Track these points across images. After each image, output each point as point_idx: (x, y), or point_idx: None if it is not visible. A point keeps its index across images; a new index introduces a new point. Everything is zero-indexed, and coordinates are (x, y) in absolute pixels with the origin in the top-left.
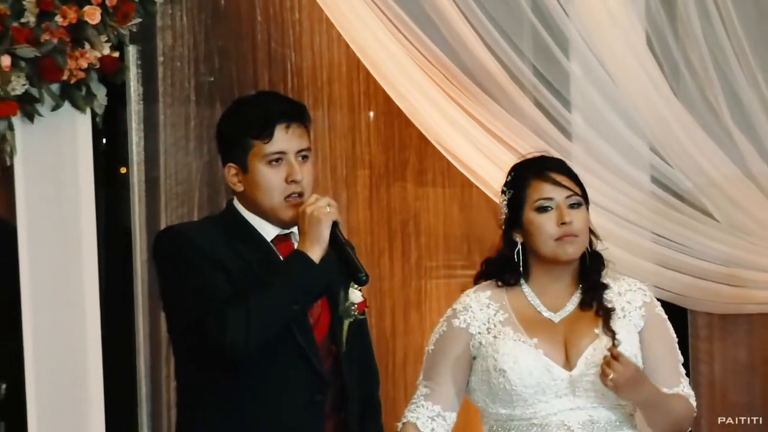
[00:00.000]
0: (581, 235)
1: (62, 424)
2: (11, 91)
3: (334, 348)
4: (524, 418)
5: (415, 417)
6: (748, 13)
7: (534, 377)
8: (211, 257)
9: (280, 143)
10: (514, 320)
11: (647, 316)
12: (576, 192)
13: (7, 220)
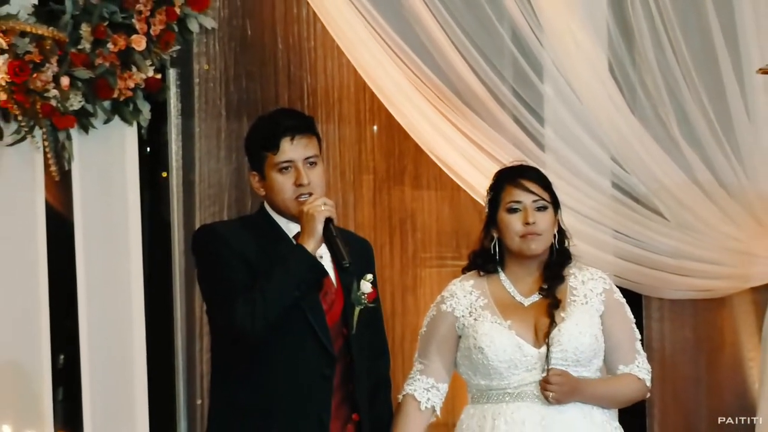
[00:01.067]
0: (544, 233)
1: (111, 389)
2: (70, 107)
3: (345, 330)
4: (500, 388)
5: (413, 389)
6: (694, 42)
7: (507, 354)
8: (239, 252)
9: (287, 153)
10: (492, 305)
11: (607, 301)
12: (542, 197)
13: (66, 216)
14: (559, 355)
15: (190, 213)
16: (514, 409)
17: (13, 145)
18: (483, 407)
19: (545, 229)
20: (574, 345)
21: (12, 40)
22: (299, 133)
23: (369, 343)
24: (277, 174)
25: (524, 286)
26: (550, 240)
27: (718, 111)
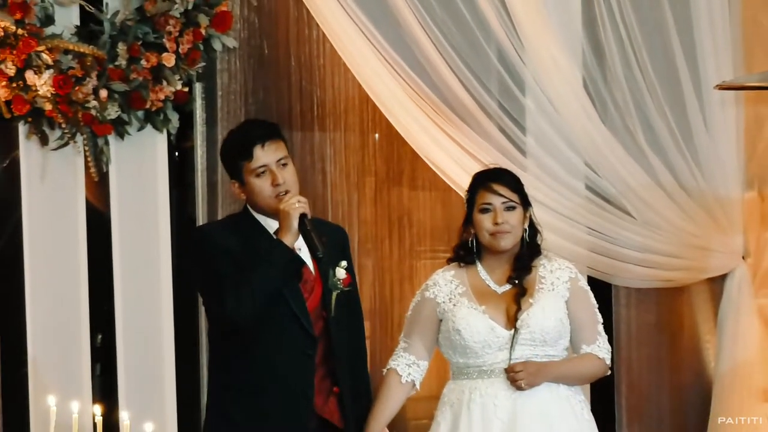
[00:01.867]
0: (513, 230)
1: (142, 365)
2: (107, 116)
3: (324, 313)
4: (476, 366)
5: (396, 364)
6: (658, 61)
7: (481, 335)
8: (224, 249)
9: (261, 159)
10: (469, 292)
11: (572, 288)
12: (511, 199)
13: (104, 212)
14: (528, 336)
15: (213, 210)
16: (489, 384)
17: (58, 150)
18: (462, 383)
19: (514, 226)
20: (540, 327)
21: (57, 57)
22: (268, 140)
23: (347, 323)
24: (255, 179)
25: (498, 275)
26: (518, 236)
27: (679, 122)
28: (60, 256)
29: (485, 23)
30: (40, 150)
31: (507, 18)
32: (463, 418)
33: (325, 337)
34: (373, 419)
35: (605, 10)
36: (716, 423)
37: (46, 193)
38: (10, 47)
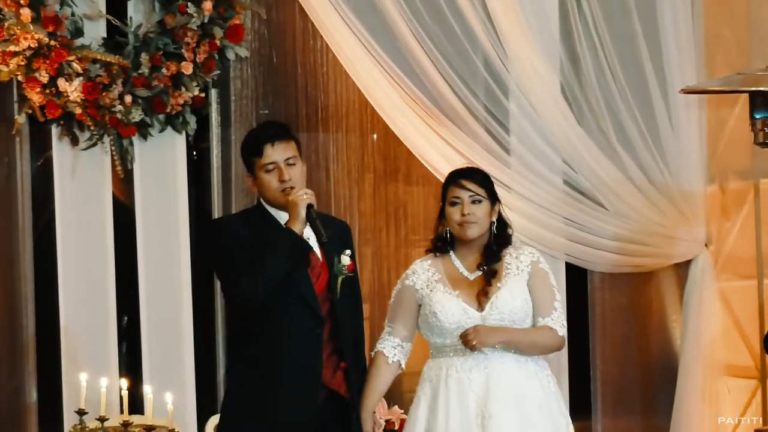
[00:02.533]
0: (478, 222)
1: (163, 345)
2: (132, 119)
3: (331, 296)
4: (451, 345)
5: (382, 347)
6: (629, 68)
7: (455, 317)
8: (238, 237)
9: (270, 156)
10: (444, 279)
11: (533, 270)
12: (477, 193)
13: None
14: (497, 317)
15: (228, 204)
16: (463, 361)
17: (87, 150)
18: (439, 360)
19: (479, 218)
20: (508, 308)
21: (86, 66)
22: (278, 139)
23: (351, 307)
24: (264, 174)
25: (469, 263)
26: (484, 227)
27: (648, 123)
28: (89, 246)
29: (472, 35)
30: (71, 150)
31: (492, 30)
32: (442, 392)
33: (331, 318)
34: (366, 397)
35: (580, 22)
36: (682, 394)
37: (77, 189)
38: (44, 57)
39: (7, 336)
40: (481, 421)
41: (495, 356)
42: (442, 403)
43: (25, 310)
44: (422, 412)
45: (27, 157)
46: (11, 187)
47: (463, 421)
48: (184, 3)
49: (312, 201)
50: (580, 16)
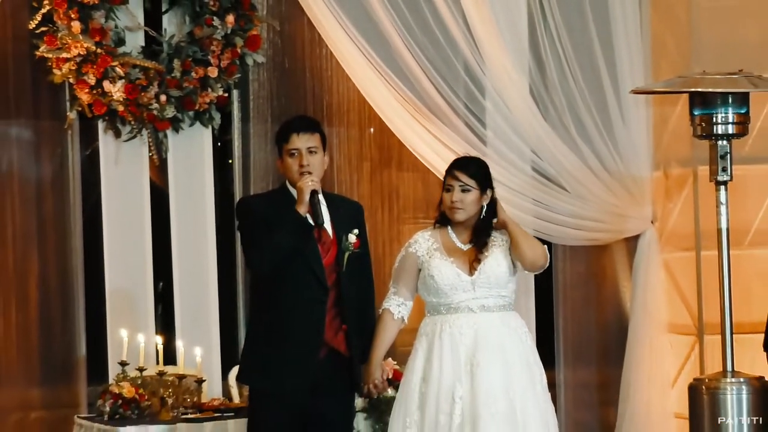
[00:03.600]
0: (465, 208)
1: (193, 307)
2: (166, 115)
3: (337, 269)
4: (445, 304)
5: (388, 305)
6: (587, 72)
7: (450, 279)
8: (260, 217)
9: (294, 143)
10: (441, 248)
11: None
12: (467, 183)
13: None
14: (484, 280)
15: (247, 187)
16: (455, 318)
17: (128, 141)
18: (434, 318)
19: (467, 204)
20: (494, 274)
21: (127, 70)
22: (303, 131)
23: (359, 278)
24: (288, 158)
25: (463, 237)
26: (471, 212)
27: (603, 118)
28: (130, 223)
29: (454, 43)
30: (114, 141)
31: (471, 39)
32: (436, 345)
33: (336, 288)
34: (375, 348)
35: (546, 33)
36: (632, 348)
37: (119, 174)
38: (91, 63)
39: (60, 300)
40: (470, 368)
41: (483, 315)
42: (436, 354)
43: (75, 278)
44: (419, 362)
45: (77, 147)
46: (64, 174)
47: (455, 368)
48: (210, 17)
49: (316, 188)
50: (546, 28)
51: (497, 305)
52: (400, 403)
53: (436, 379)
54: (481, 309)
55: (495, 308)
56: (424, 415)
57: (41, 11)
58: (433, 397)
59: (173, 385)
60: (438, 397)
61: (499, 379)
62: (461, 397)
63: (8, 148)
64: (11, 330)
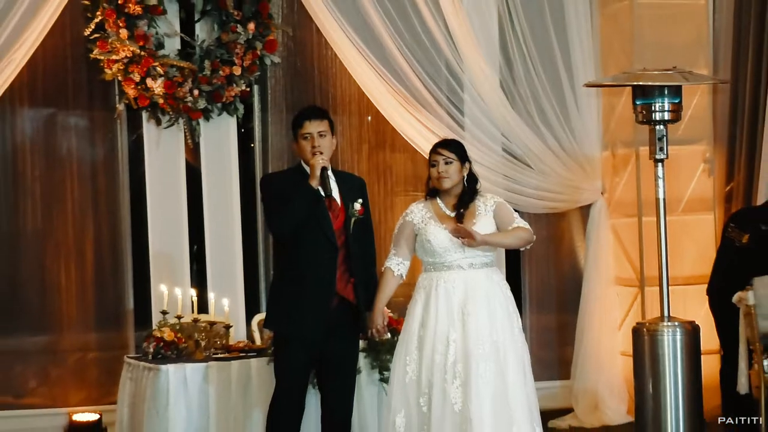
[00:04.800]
0: (449, 177)
1: (222, 265)
2: (198, 107)
3: (345, 232)
4: (440, 263)
5: (390, 264)
6: (548, 68)
7: (444, 243)
8: (279, 190)
9: (307, 128)
10: (434, 216)
11: (496, 207)
12: (448, 156)
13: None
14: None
15: (266, 166)
16: (448, 274)
17: (167, 128)
18: (431, 274)
19: (450, 174)
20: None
21: (166, 69)
22: (314, 117)
23: (362, 240)
24: (302, 141)
25: (450, 206)
26: (455, 180)
27: (561, 108)
28: (169, 196)
29: (438, 46)
30: (156, 128)
31: (452, 43)
32: (432, 296)
33: (345, 247)
34: (378, 301)
35: (513, 37)
36: (585, 298)
37: (160, 156)
38: (136, 63)
39: (111, 260)
40: (461, 316)
41: (471, 272)
42: (433, 303)
43: (124, 242)
44: (418, 310)
45: (125, 133)
46: (114, 155)
47: (449, 316)
48: (235, 25)
49: (326, 165)
50: (513, 33)
51: (482, 263)
52: (402, 344)
53: (432, 324)
54: (469, 266)
55: (481, 266)
56: (422, 354)
57: (94, 20)
58: (430, 340)
59: (205, 330)
60: (434, 340)
61: (485, 325)
62: (454, 340)
63: (67, 134)
64: (71, 285)
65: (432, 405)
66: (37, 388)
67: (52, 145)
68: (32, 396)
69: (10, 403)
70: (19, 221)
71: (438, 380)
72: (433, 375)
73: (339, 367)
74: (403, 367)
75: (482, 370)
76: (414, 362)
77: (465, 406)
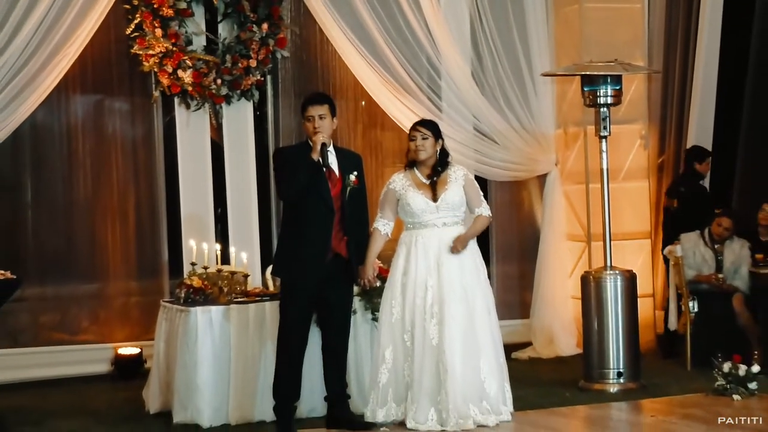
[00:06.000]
0: (425, 150)
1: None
2: (221, 93)
3: (342, 198)
4: (418, 222)
5: (378, 225)
6: (511, 62)
7: (421, 206)
8: (287, 159)
9: (310, 111)
10: (413, 184)
11: (465, 179)
12: (425, 133)
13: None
14: (445, 206)
15: (277, 143)
16: (425, 232)
17: (195, 111)
18: (411, 232)
19: (426, 148)
20: (452, 201)
21: (194, 62)
22: (316, 102)
23: (356, 205)
24: (306, 122)
25: (425, 174)
26: (430, 153)
27: (522, 94)
28: (197, 167)
29: (420, 43)
30: (186, 111)
31: (432, 40)
32: (412, 251)
33: (340, 211)
34: (369, 255)
35: (482, 35)
36: (542, 251)
37: (189, 134)
38: (169, 57)
39: (149, 220)
40: (437, 266)
41: (444, 229)
42: (413, 256)
43: (160, 206)
44: (401, 262)
45: (160, 116)
46: (151, 134)
47: (426, 266)
48: (251, 25)
49: (325, 141)
50: (482, 32)
51: (454, 222)
52: (388, 290)
53: (413, 273)
54: (443, 225)
55: (452, 224)
56: (404, 298)
57: (134, 22)
58: (411, 286)
59: (227, 278)
60: (415, 286)
61: (456, 273)
62: (431, 286)
63: (112, 116)
64: (116, 242)
65: (414, 340)
66: (89, 327)
67: (99, 126)
68: (84, 333)
69: (67, 340)
70: (73, 189)
71: (419, 320)
72: (415, 315)
73: (335, 310)
74: (389, 310)
75: (454, 311)
76: (398, 305)
77: (440, 341)
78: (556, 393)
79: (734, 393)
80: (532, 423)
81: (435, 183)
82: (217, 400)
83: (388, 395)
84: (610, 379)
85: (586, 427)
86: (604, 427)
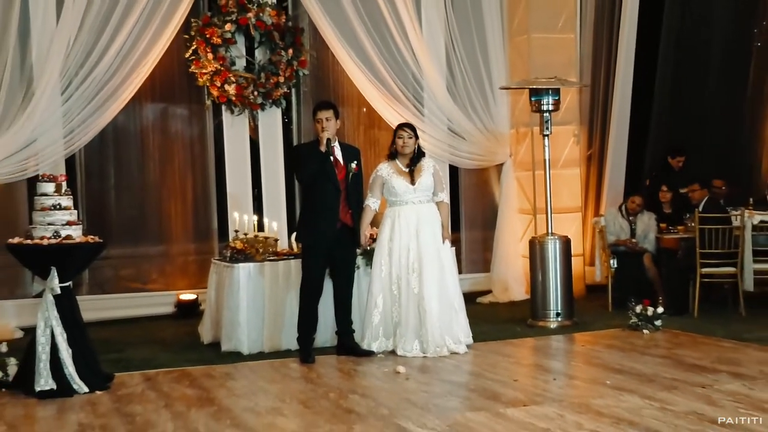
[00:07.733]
0: (409, 146)
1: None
2: (257, 102)
3: (346, 181)
4: (401, 201)
5: (368, 203)
6: (476, 75)
7: (402, 188)
8: (302, 153)
9: (318, 115)
10: (396, 171)
11: (434, 170)
12: (410, 133)
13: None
14: (420, 188)
15: (300, 139)
16: (406, 208)
17: (238, 116)
18: (394, 208)
19: (410, 144)
20: (425, 184)
21: (237, 79)
22: (323, 108)
23: (356, 187)
24: (316, 124)
25: (405, 163)
26: (412, 149)
27: (485, 102)
28: (238, 159)
29: (407, 62)
30: (231, 116)
31: (416, 60)
32: (396, 222)
33: (345, 191)
34: (362, 225)
35: (454, 57)
36: (500, 222)
37: (233, 134)
38: (218, 75)
39: (203, 198)
40: (416, 234)
41: (420, 206)
42: (396, 226)
43: (211, 187)
44: (386, 231)
45: (211, 119)
46: (204, 133)
47: (408, 233)
48: (280, 50)
49: (331, 137)
50: (455, 55)
51: (427, 200)
52: (377, 253)
53: (397, 239)
54: (419, 202)
55: (426, 201)
56: (391, 259)
57: (191, 48)
58: (396, 248)
59: (262, 242)
60: (399, 249)
61: (430, 238)
62: (412, 248)
63: (175, 120)
64: (178, 214)
65: (400, 290)
66: (157, 278)
67: (164, 127)
68: (154, 283)
69: (140, 288)
70: (144, 175)
71: (403, 274)
72: (400, 270)
73: (342, 264)
74: (379, 267)
75: (429, 267)
76: (386, 264)
77: (420, 289)
78: (509, 329)
79: (644, 328)
80: (492, 351)
81: (413, 171)
82: (254, 333)
83: (379, 332)
84: (550, 318)
85: (532, 354)
86: (546, 353)
